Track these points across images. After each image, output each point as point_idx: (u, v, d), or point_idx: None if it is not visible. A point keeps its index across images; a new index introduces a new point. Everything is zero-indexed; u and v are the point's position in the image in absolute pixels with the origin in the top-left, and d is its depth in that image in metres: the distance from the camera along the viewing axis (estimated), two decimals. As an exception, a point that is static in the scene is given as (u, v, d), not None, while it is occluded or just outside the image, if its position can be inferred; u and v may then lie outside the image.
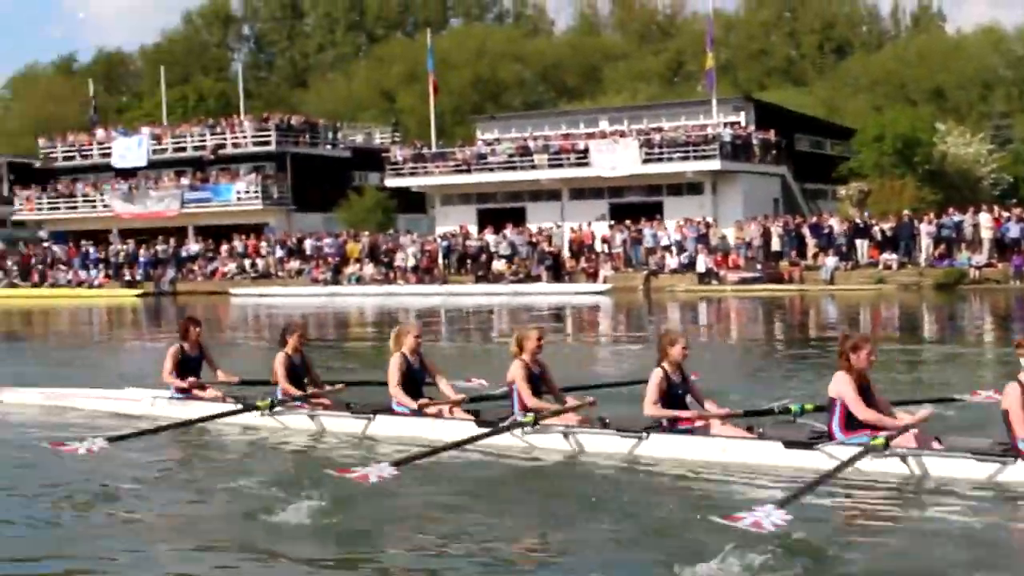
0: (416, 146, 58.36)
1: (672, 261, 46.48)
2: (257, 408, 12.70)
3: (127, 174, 63.69)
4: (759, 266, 44.32)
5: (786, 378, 17.02)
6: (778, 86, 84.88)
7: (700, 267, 45.08)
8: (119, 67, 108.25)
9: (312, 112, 74.00)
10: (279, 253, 54.48)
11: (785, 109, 59.59)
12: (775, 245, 45.12)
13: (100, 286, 56.22)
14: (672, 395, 10.36)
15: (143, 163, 63.60)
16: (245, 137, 62.06)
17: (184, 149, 63.36)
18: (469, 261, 50.24)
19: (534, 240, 49.27)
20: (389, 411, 12.10)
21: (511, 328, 10.18)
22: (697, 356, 21.43)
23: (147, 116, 79.88)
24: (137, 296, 52.83)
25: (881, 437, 9.17)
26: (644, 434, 10.44)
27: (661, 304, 38.82)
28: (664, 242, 47.19)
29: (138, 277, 55.96)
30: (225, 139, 62.55)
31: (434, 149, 56.78)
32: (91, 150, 66.66)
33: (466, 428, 11.13)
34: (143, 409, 13.67)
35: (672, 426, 10.38)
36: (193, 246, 57.58)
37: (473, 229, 52.99)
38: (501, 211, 53.80)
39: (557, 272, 47.64)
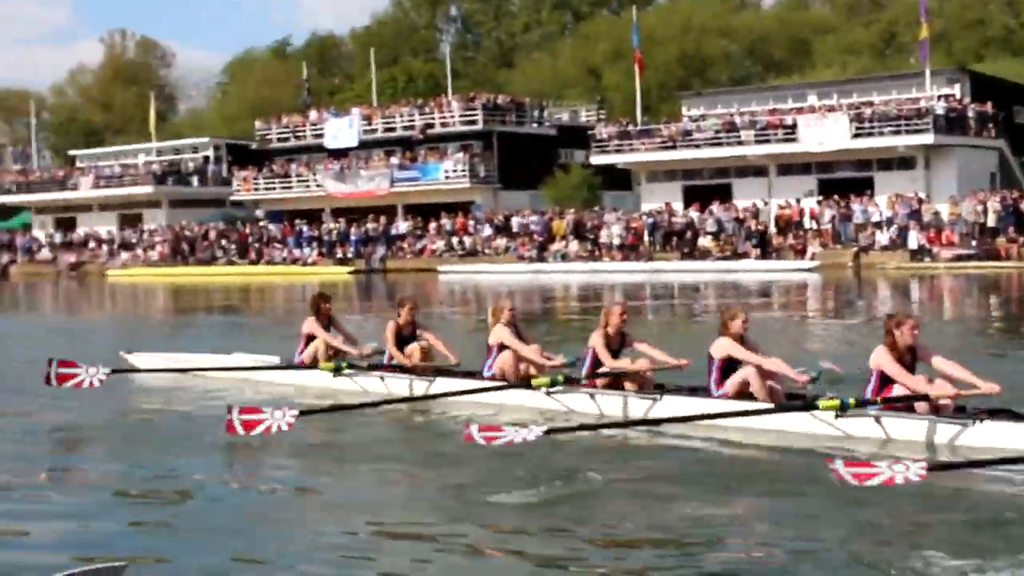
0: (621, 123, 58.23)
1: (883, 237, 45.32)
2: (320, 369, 14.03)
3: (339, 154, 65.26)
4: (974, 243, 42.86)
5: (997, 358, 16.43)
6: (996, 57, 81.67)
7: (912, 244, 43.84)
8: (331, 50, 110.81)
9: (518, 91, 74.50)
10: (486, 231, 55.12)
11: (1003, 80, 57.33)
12: (991, 221, 43.54)
13: (314, 264, 57.85)
14: (736, 365, 11.04)
15: (354, 143, 65.05)
16: (453, 117, 62.87)
17: (394, 129, 64.56)
18: (675, 238, 49.96)
19: (741, 217, 48.66)
20: (448, 373, 13.28)
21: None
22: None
23: (358, 97, 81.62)
24: (349, 273, 54.16)
25: (838, 400, 10.04)
26: (658, 396, 11.44)
27: (871, 281, 37.92)
28: (875, 218, 46.03)
29: (350, 255, 57.36)
30: (433, 119, 63.49)
31: (639, 126, 56.56)
32: (304, 131, 68.50)
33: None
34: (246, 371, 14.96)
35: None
36: (402, 224, 58.75)
37: (678, 206, 52.66)
38: (707, 188, 53.31)
39: (764, 249, 46.99)
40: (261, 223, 65.01)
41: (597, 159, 56.71)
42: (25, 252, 72.03)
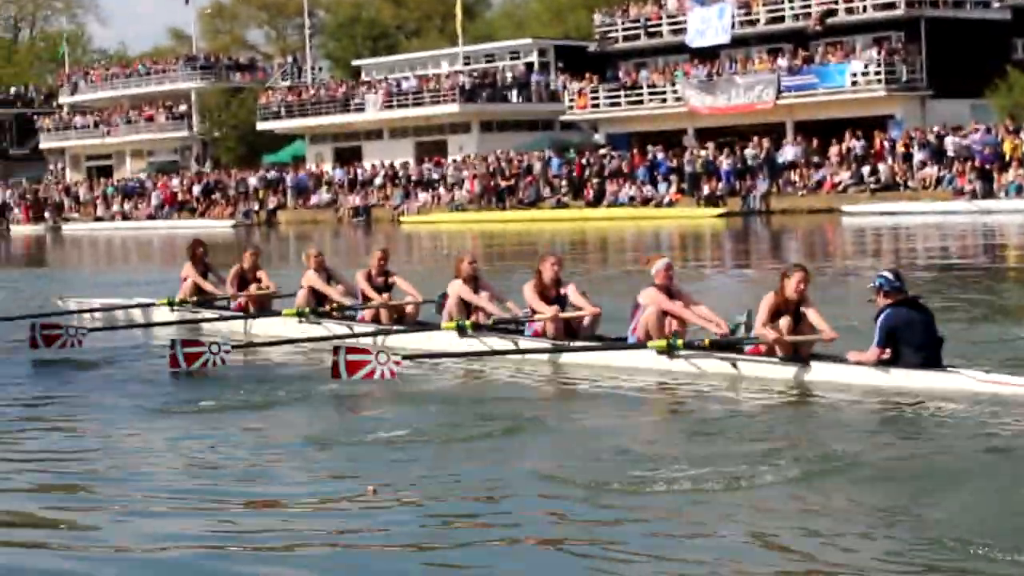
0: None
1: None
2: (168, 304, 21.79)
3: (706, 55, 65.29)
4: None
5: None
6: None
7: None
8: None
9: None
10: (917, 155, 54.14)
11: None
12: None
13: (671, 204, 58.23)
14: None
15: (726, 40, 64.88)
16: (863, -2, 62.02)
17: (781, 18, 64.12)
18: None
19: None
20: (273, 313, 20.31)
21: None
22: None
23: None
24: (718, 216, 54.37)
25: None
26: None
27: None
28: None
29: (719, 192, 57.43)
30: (836, 3, 62.69)
31: None
32: (660, 25, 68.85)
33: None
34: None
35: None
36: (791, 149, 58.35)
37: None
38: None
39: None
40: (602, 151, 65.85)
41: (1071, 52, 54.90)
42: (297, 193, 75.52)
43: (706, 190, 57.95)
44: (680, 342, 14.78)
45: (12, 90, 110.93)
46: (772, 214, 54.69)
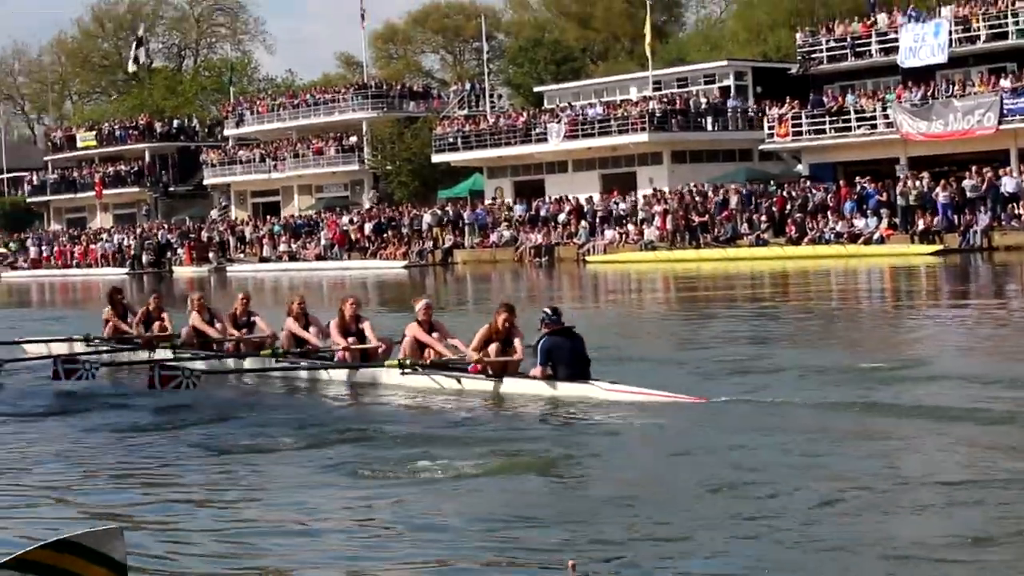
0: None
1: None
2: (86, 340, 26.25)
3: (919, 76, 64.44)
4: None
5: None
6: None
7: None
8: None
9: None
10: None
11: None
12: None
13: (882, 240, 57.45)
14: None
15: (942, 59, 64.11)
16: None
17: (1004, 35, 63.29)
18: None
19: None
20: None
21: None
22: None
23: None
24: (933, 254, 53.51)
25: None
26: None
27: None
28: None
29: (935, 227, 56.58)
30: (1064, 15, 61.80)
31: None
32: (868, 44, 68.18)
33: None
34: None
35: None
36: (1013, 179, 57.34)
37: None
38: None
39: None
40: (804, 183, 65.26)
41: None
42: (475, 231, 75.78)
43: (920, 225, 57.16)
44: (408, 361, 19.91)
45: (175, 123, 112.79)
46: (994, 251, 53.77)
